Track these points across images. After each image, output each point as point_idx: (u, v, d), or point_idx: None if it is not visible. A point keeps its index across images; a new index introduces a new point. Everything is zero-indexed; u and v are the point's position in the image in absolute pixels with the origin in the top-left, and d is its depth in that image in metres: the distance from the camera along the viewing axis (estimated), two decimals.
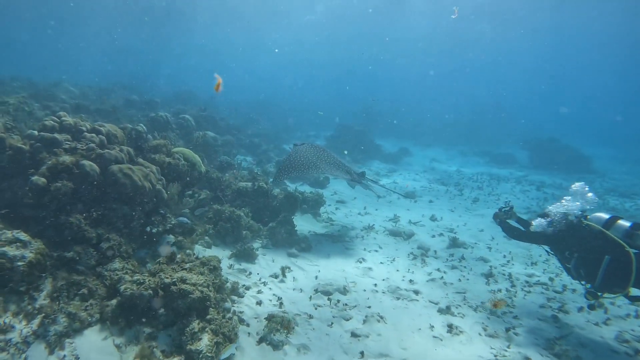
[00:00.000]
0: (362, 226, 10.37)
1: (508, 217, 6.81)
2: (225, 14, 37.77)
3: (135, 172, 5.90)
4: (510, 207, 6.84)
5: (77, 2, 34.42)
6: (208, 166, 10.17)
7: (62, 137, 6.19)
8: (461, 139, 31.63)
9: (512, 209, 6.83)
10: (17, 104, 9.37)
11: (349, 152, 21.24)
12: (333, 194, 13.51)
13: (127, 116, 14.84)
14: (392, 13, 36.06)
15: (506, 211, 6.81)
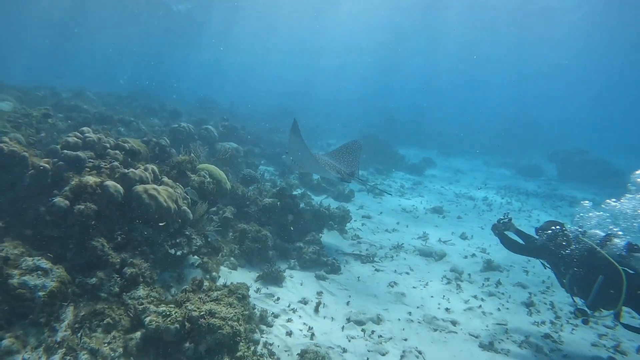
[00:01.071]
0: (391, 244, 9.90)
1: (507, 229, 6.74)
2: (244, 19, 37.72)
3: (161, 193, 5.60)
4: (509, 219, 6.78)
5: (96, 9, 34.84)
6: (232, 179, 9.89)
7: (85, 154, 5.97)
8: (484, 148, 30.87)
9: (511, 221, 6.78)
10: (40, 117, 9.26)
11: (372, 163, 20.85)
12: (359, 208, 13.08)
13: (149, 125, 14.73)
14: (421, 23, 35.54)
15: (505, 222, 6.74)
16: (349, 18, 36.96)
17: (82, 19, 38.63)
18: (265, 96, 52.96)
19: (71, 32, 46.21)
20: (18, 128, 8.31)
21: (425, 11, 31.67)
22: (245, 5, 32.14)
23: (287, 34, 45.52)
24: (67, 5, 34.54)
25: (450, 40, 40.49)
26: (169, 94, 31.90)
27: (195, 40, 50.75)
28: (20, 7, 33.02)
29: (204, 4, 31.44)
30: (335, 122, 36.90)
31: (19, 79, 25.00)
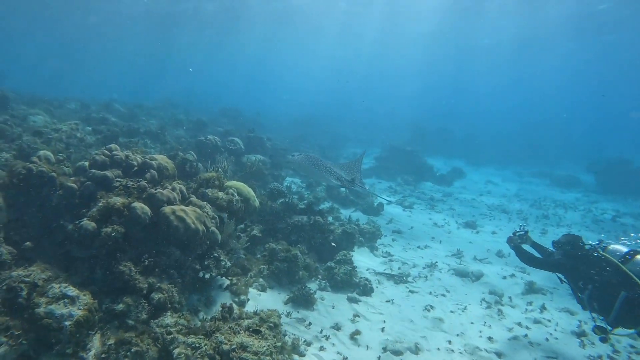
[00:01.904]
0: (424, 263, 9.49)
1: (523, 242, 6.54)
2: (272, 26, 37.91)
3: (189, 214, 5.42)
4: (525, 231, 6.60)
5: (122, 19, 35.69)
6: (259, 193, 9.70)
7: (113, 173, 5.86)
8: (515, 157, 29.97)
9: (527, 233, 6.60)
10: (70, 131, 9.33)
11: (399, 174, 20.41)
12: (388, 222, 12.69)
13: (175, 137, 14.77)
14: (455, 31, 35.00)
15: (521, 235, 6.56)
16: (378, 26, 36.66)
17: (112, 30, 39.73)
18: (290, 105, 53.30)
19: (104, 45, 47.67)
20: (48, 143, 8.35)
21: (458, 16, 31.00)
22: (274, 13, 32.23)
23: (315, 43, 45.50)
24: (98, 19, 35.60)
25: (478, 47, 39.59)
26: (195, 103, 32.32)
27: (221, 50, 51.45)
28: (55, 18, 34.15)
29: (231, 10, 31.71)
30: (361, 131, 36.63)
31: (52, 90, 25.87)
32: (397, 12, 31.22)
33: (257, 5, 30.17)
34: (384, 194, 16.92)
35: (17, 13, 35.15)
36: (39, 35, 45.75)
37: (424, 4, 29.55)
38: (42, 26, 39.77)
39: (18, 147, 7.71)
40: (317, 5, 30.64)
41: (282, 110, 44.27)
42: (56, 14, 33.15)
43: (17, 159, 7.46)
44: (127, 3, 31.00)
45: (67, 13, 33.61)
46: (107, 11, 33.19)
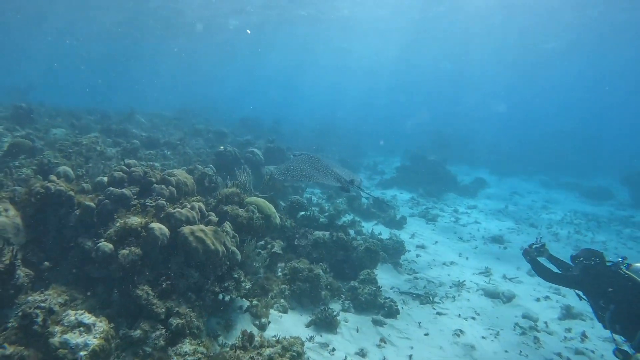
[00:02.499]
0: (451, 281, 9.11)
1: (539, 255, 6.15)
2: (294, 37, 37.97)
3: (208, 235, 5.23)
4: (542, 244, 6.22)
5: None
6: (279, 206, 9.51)
7: (131, 190, 5.73)
8: (541, 167, 29.09)
9: (544, 246, 6.21)
10: (90, 144, 9.34)
11: (421, 184, 20.00)
12: (411, 236, 12.34)
13: (195, 148, 14.75)
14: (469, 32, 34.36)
15: (537, 248, 6.17)
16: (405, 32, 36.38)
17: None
18: (310, 114, 53.31)
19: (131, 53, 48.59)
20: (68, 158, 8.34)
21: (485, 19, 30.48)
22: (295, 21, 32.24)
23: (339, 52, 45.48)
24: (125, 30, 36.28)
25: (506, 50, 38.75)
26: (216, 113, 32.54)
27: (241, 59, 51.87)
28: (81, 27, 34.98)
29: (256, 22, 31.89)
30: (378, 139, 36.27)
31: (81, 100, 26.45)
32: (427, 19, 30.75)
33: (280, 16, 30.10)
34: (406, 206, 16.55)
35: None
36: (79, 49, 46.97)
37: (453, 14, 29.11)
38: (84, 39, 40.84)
39: (39, 162, 7.70)
40: (341, 14, 30.33)
41: (301, 119, 44.33)
42: (96, 24, 33.91)
43: (38, 174, 7.46)
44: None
45: (105, 26, 34.39)
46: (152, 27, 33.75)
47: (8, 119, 12.46)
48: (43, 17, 31.82)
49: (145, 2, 27.31)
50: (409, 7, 28.20)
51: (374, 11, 29.30)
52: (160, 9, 27.95)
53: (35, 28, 37.05)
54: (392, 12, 29.20)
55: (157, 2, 27.21)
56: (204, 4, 27.01)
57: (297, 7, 28.22)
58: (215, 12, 28.58)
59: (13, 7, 27.26)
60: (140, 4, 27.26)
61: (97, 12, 30.07)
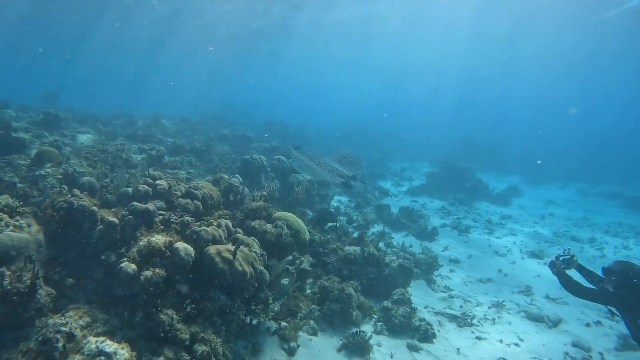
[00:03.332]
0: (490, 301, 8.58)
1: (567, 267, 5.66)
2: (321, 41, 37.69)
3: (236, 255, 4.94)
4: (570, 256, 5.69)
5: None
6: (307, 217, 9.18)
7: (155, 205, 5.51)
8: (578, 174, 27.85)
9: (574, 257, 5.68)
10: (115, 152, 9.26)
11: (451, 192, 19.38)
12: (444, 249, 11.81)
13: (220, 154, 14.59)
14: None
15: (565, 260, 5.66)
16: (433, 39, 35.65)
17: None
18: (334, 118, 53.02)
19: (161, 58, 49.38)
20: (94, 166, 8.24)
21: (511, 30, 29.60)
22: (323, 26, 31.97)
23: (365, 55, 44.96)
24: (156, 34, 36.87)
25: (534, 52, 37.48)
26: (240, 116, 32.57)
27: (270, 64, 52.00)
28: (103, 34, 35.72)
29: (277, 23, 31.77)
30: (408, 145, 35.67)
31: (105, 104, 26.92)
32: (456, 22, 29.99)
33: (308, 18, 29.81)
34: (437, 215, 16.00)
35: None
36: (110, 56, 48.06)
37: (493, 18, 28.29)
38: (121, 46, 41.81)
39: (64, 172, 7.61)
40: (371, 17, 29.84)
41: (326, 123, 44.07)
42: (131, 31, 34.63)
43: (63, 183, 7.37)
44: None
45: (140, 31, 35.06)
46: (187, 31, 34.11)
47: (38, 125, 12.59)
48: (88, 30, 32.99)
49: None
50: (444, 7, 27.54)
51: (406, 9, 28.60)
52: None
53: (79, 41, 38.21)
54: (422, 10, 28.55)
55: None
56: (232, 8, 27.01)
57: (324, 9, 27.89)
58: (242, 12, 28.49)
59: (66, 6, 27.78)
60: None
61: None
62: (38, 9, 28.21)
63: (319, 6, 27.28)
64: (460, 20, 29.94)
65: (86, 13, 29.17)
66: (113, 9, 28.49)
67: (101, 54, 45.61)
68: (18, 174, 7.98)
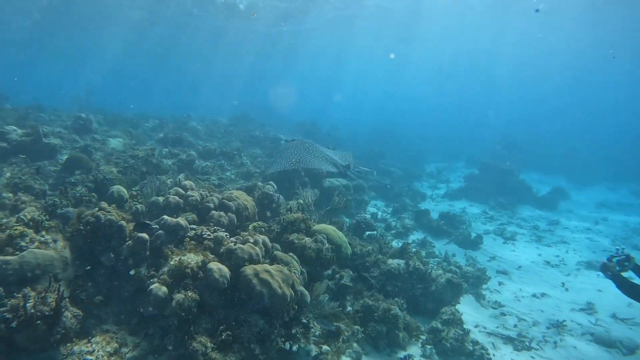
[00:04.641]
0: (547, 320, 7.85)
1: (624, 269, 5.03)
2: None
3: (274, 277, 4.50)
4: (625, 256, 5.05)
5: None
6: (345, 228, 8.68)
7: (187, 219, 5.16)
8: (630, 173, 26.08)
9: (630, 257, 5.04)
10: (145, 157, 9.04)
11: (492, 195, 18.47)
12: (490, 259, 11.09)
13: (252, 157, 14.28)
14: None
15: (620, 260, 5.04)
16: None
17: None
18: (366, 118, 52.24)
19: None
20: (124, 173, 8.02)
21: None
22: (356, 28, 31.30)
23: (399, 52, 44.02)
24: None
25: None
26: (270, 116, 32.37)
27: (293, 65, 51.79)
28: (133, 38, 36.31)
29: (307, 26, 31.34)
30: (443, 144, 34.62)
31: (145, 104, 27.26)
32: (502, 14, 28.74)
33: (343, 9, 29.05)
34: (478, 221, 15.20)
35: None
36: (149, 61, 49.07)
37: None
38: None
39: (94, 179, 7.40)
40: (410, 10, 28.74)
41: (358, 123, 43.45)
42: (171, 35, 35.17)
43: (92, 191, 7.15)
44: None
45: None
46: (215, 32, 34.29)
47: (69, 129, 12.63)
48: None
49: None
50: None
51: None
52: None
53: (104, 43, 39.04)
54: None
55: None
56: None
57: (359, 7, 27.22)
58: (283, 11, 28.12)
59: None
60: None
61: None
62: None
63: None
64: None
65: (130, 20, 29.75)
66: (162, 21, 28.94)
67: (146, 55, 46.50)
68: (48, 181, 7.84)
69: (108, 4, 26.60)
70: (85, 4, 26.85)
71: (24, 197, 6.17)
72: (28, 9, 27.70)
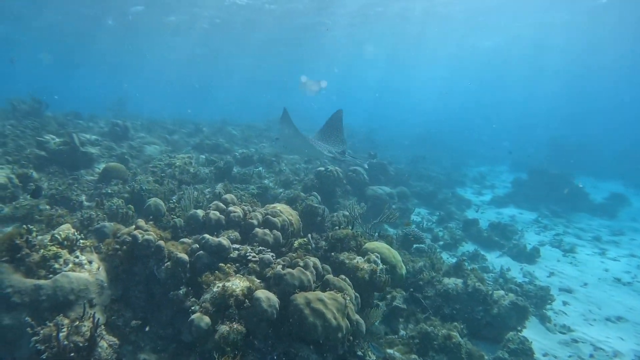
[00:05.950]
0: (632, 351, 7.01)
1: None
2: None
3: (328, 306, 4.02)
4: None
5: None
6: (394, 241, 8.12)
7: (229, 238, 4.78)
8: None
9: None
10: (183, 166, 8.82)
11: (543, 202, 17.39)
12: (549, 274, 10.26)
13: (290, 164, 13.91)
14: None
15: None
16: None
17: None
18: (402, 121, 51.22)
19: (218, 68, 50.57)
20: (160, 183, 7.78)
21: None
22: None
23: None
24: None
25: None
26: (304, 121, 32.01)
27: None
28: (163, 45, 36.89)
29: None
30: (484, 147, 33.40)
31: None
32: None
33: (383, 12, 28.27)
34: (531, 230, 14.25)
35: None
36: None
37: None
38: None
39: (131, 190, 7.18)
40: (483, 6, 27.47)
41: (395, 127, 42.61)
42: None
43: (129, 203, 6.92)
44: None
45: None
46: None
47: (106, 136, 12.66)
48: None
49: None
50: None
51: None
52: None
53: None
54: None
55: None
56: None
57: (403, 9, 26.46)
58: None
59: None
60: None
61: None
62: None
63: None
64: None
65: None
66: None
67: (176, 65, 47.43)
68: (85, 191, 7.70)
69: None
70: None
71: (60, 211, 5.96)
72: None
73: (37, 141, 9.15)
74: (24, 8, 25.95)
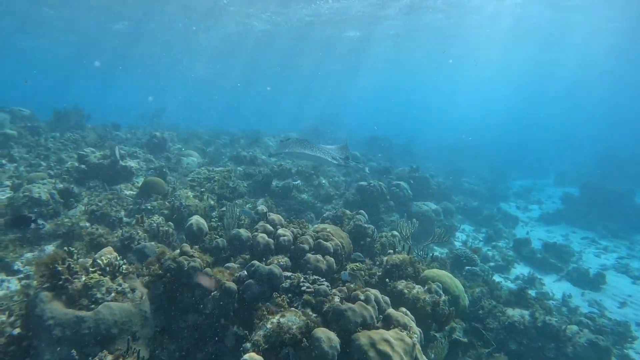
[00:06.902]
0: None
1: None
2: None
3: (395, 347, 3.58)
4: None
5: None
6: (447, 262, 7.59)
7: (280, 262, 4.41)
8: None
9: None
10: (222, 180, 8.59)
11: (599, 220, 16.32)
12: (621, 305, 9.42)
13: (329, 176, 13.56)
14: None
15: None
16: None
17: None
18: (439, 131, 50.27)
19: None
20: (200, 199, 7.56)
21: None
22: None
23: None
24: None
25: None
26: (339, 131, 31.75)
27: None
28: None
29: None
30: (527, 159, 32.14)
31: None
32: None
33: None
34: (589, 252, 13.28)
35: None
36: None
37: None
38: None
39: (171, 206, 6.98)
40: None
41: (431, 138, 41.75)
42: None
43: (169, 219, 6.72)
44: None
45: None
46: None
47: (144, 147, 12.68)
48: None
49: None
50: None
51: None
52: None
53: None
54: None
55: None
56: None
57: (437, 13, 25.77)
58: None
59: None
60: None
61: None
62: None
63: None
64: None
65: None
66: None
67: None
68: (125, 206, 7.56)
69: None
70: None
71: (101, 230, 5.78)
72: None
73: (78, 154, 9.15)
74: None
